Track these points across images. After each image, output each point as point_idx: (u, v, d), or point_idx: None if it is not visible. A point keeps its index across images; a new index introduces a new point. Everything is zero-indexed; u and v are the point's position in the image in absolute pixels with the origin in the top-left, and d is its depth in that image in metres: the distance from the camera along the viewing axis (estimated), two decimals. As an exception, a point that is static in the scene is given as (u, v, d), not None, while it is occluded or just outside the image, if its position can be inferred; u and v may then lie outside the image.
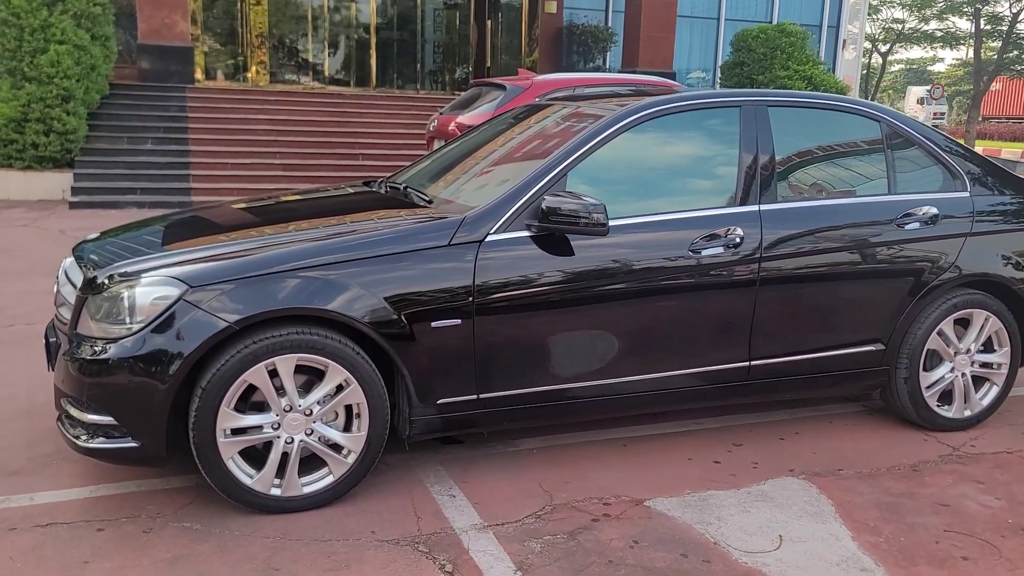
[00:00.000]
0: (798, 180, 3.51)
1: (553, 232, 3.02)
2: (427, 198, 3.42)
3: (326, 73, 16.34)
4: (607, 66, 17.12)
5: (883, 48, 38.71)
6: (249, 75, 15.49)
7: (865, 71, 35.54)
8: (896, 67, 50.12)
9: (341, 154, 12.00)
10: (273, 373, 2.77)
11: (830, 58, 20.42)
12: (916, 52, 47.67)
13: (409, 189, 3.62)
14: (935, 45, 37.16)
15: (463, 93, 9.67)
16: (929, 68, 51.46)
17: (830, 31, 20.69)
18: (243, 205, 3.86)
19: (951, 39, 36.20)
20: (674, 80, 11.81)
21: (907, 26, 35.85)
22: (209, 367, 2.70)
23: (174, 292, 2.71)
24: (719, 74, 17.30)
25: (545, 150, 3.33)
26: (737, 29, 16.25)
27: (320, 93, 14.56)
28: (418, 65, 17.27)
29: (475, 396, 3.03)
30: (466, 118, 8.25)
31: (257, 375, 2.74)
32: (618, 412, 3.39)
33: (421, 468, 3.24)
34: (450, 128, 8.35)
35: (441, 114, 9.11)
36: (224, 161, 11.22)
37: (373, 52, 16.45)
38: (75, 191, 10.25)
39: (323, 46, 16.27)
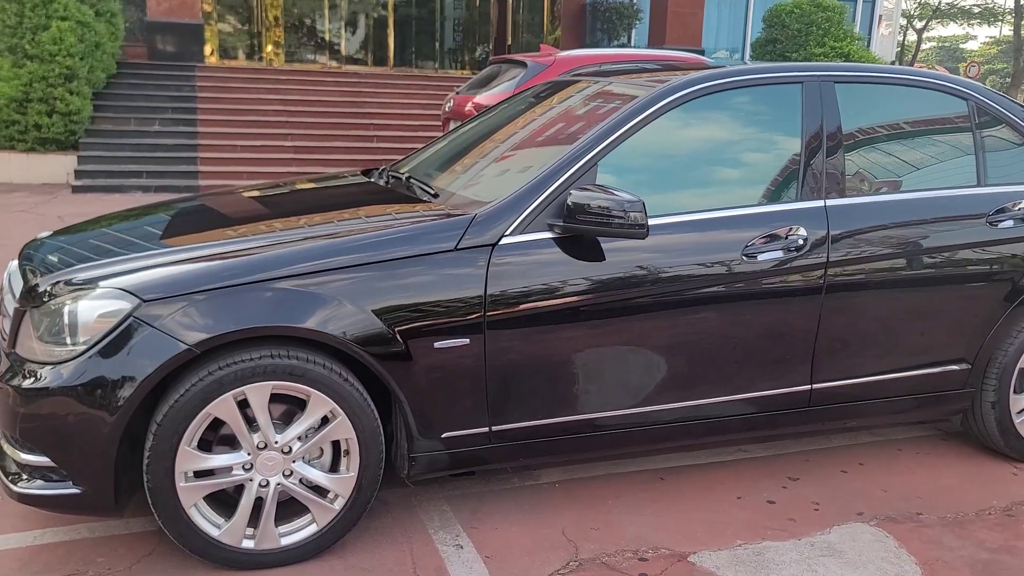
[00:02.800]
0: (871, 170, 2.97)
1: (581, 234, 2.53)
2: (432, 191, 2.93)
3: (342, 52, 15.81)
4: (632, 44, 16.46)
5: (918, 24, 37.46)
6: (263, 54, 15.02)
7: (899, 48, 34.39)
8: (928, 44, 48.63)
9: (355, 136, 11.51)
10: (244, 404, 2.31)
11: (865, 34, 19.55)
12: (952, 29, 46.29)
13: (412, 180, 3.13)
14: (972, 21, 35.92)
15: (481, 71, 9.11)
16: (962, 46, 49.92)
17: (865, 6, 19.83)
18: (250, 194, 3.32)
19: (989, 15, 34.97)
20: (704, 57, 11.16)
21: (944, 1, 34.66)
22: (166, 398, 2.25)
23: (124, 306, 2.25)
24: (749, 52, 16.59)
25: (571, 135, 2.83)
26: (766, 5, 15.52)
27: (335, 72, 14.05)
28: (437, 44, 16.71)
29: (486, 428, 2.56)
30: (484, 98, 7.71)
31: (224, 407, 2.28)
32: (652, 445, 2.89)
33: (423, 508, 2.77)
34: (466, 108, 7.82)
35: (458, 93, 8.57)
36: (234, 143, 10.77)
37: (391, 30, 15.91)
38: (79, 174, 9.85)
39: (340, 24, 15.74)
